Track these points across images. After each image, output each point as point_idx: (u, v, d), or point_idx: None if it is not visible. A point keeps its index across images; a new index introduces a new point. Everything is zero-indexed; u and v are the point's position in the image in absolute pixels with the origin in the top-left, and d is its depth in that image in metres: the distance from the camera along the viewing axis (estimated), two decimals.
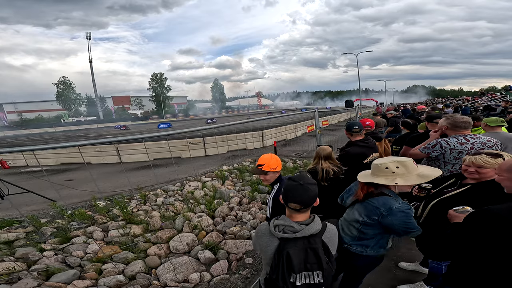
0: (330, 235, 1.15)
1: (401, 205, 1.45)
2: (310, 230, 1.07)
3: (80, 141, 1.94)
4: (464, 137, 2.06)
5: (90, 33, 54.49)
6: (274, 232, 1.11)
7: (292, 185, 1.13)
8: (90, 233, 3.51)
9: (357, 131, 2.65)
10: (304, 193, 1.09)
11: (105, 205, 4.63)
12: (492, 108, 9.45)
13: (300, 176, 1.16)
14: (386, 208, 1.44)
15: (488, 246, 1.04)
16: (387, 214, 1.44)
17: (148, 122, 50.00)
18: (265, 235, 1.15)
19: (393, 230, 1.49)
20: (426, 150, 2.18)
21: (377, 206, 1.48)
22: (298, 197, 1.09)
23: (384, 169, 1.45)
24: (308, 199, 1.09)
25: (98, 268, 2.65)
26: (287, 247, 1.04)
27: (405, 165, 1.44)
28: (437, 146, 2.10)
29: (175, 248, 3.06)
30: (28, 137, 29.10)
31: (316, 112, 4.04)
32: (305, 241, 1.06)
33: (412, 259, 2.50)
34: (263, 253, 1.16)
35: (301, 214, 1.12)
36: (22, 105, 55.97)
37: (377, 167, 1.49)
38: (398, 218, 1.43)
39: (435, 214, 1.62)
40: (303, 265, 1.03)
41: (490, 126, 2.68)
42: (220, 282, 2.49)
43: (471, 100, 15.31)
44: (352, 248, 1.66)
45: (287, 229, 1.09)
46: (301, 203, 1.09)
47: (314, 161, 2.57)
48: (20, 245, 3.21)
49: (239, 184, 5.86)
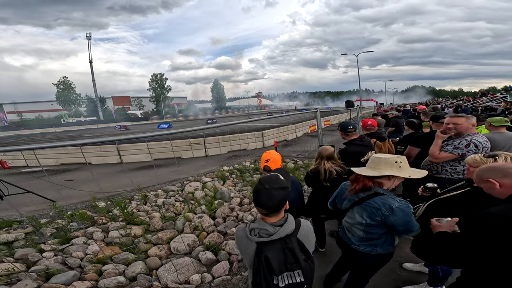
0: (305, 233, 1.13)
1: (400, 203, 1.45)
2: (284, 231, 1.06)
3: (82, 140, 1.91)
4: (481, 135, 2.11)
5: (90, 34, 54.48)
6: (250, 236, 1.09)
7: (258, 188, 1.10)
8: (90, 234, 3.48)
9: (352, 130, 2.66)
10: (268, 199, 1.06)
11: (105, 205, 4.61)
12: (492, 108, 9.45)
13: (268, 179, 1.12)
14: (387, 208, 1.44)
15: (491, 250, 1.01)
16: (389, 214, 1.44)
17: (148, 123, 49.97)
18: (242, 239, 1.13)
19: (394, 229, 1.48)
20: (458, 151, 2.13)
21: (377, 207, 1.47)
22: (262, 202, 1.06)
23: (394, 162, 1.47)
24: (271, 205, 1.06)
25: (98, 269, 2.63)
26: (265, 250, 1.04)
27: (404, 159, 1.51)
28: (471, 146, 2.08)
29: (176, 249, 3.03)
30: (28, 137, 29.05)
31: (318, 112, 4.02)
32: (281, 242, 1.05)
33: (416, 259, 2.47)
34: (244, 255, 1.16)
35: (271, 218, 1.10)
36: (22, 105, 55.94)
37: (386, 161, 1.49)
38: (400, 217, 1.42)
39: (428, 215, 1.60)
40: (283, 266, 1.03)
41: (494, 126, 2.67)
42: (221, 283, 2.47)
43: (471, 101, 15.31)
44: (360, 248, 1.64)
45: (262, 232, 1.08)
46: (266, 208, 1.06)
47: (316, 161, 2.55)
48: (20, 245, 3.19)
49: (239, 184, 5.83)
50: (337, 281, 2.22)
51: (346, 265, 2.03)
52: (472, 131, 2.15)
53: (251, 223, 1.15)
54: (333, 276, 2.19)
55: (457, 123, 2.16)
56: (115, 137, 2.36)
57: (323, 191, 2.39)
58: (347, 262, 2.00)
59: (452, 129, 2.18)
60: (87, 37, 54.28)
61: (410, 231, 1.47)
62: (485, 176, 1.15)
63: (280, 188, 1.09)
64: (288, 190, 1.12)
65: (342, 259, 2.06)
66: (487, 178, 1.14)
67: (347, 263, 1.99)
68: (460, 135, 2.16)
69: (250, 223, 1.15)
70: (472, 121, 2.13)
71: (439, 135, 2.24)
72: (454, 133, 2.20)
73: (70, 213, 4.20)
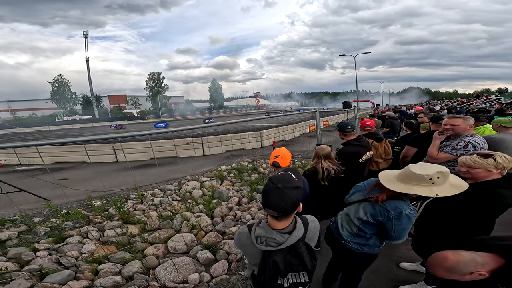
0: (312, 234, 1.09)
1: (411, 211, 1.40)
2: (293, 239, 0.99)
3: (76, 138, 1.88)
4: (479, 136, 2.12)
5: (87, 32, 53.91)
6: (256, 245, 1.01)
7: (269, 187, 0.99)
8: (85, 233, 3.42)
9: (350, 131, 2.66)
10: (281, 199, 0.94)
11: (101, 204, 4.55)
12: (486, 110, 9.56)
13: (280, 177, 1.01)
14: (396, 212, 1.39)
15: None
16: (393, 218, 1.40)
17: (144, 122, 49.56)
18: (248, 246, 1.06)
19: (387, 233, 1.47)
20: (456, 151, 2.13)
21: (387, 208, 1.42)
22: (274, 203, 0.95)
23: (428, 180, 1.31)
24: (284, 205, 0.94)
25: (94, 269, 2.58)
26: (273, 256, 0.98)
27: (444, 175, 1.32)
28: (469, 147, 2.08)
29: (173, 248, 3.00)
30: (21, 136, 28.57)
31: (317, 113, 4.03)
32: (290, 247, 1.00)
33: (413, 259, 2.49)
34: (249, 257, 1.11)
35: (281, 222, 1.00)
36: (16, 103, 55.06)
37: (417, 176, 1.33)
38: (403, 224, 1.39)
39: (428, 213, 1.61)
40: (289, 267, 0.99)
41: (505, 127, 2.67)
42: (220, 283, 2.45)
43: (466, 102, 15.53)
44: (349, 245, 1.65)
45: (269, 240, 0.99)
46: (278, 210, 0.95)
47: (313, 161, 2.55)
48: (13, 245, 3.12)
49: (238, 184, 5.81)
50: (335, 280, 2.22)
51: (337, 263, 2.04)
52: (469, 132, 2.15)
53: (256, 228, 1.05)
54: (330, 275, 2.20)
55: (454, 124, 2.16)
56: (114, 134, 2.30)
57: (320, 191, 2.39)
58: (336, 259, 2.00)
59: (449, 130, 2.20)
60: (84, 35, 53.73)
61: (400, 239, 1.44)
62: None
63: (294, 188, 0.98)
64: (302, 190, 1.02)
65: (333, 257, 2.07)
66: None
67: (337, 260, 1.99)
68: (458, 136, 2.17)
69: (255, 229, 1.05)
70: (469, 122, 2.14)
71: (437, 136, 2.26)
72: (451, 134, 2.21)
73: (64, 212, 4.13)
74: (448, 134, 2.22)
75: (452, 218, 1.61)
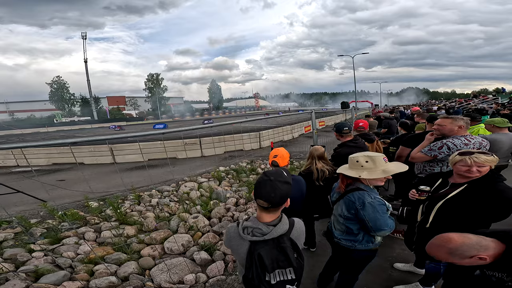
0: (298, 233, 1.14)
1: (373, 199, 1.47)
2: (278, 232, 1.06)
3: (73, 139, 1.89)
4: (465, 137, 2.07)
5: (85, 33, 53.72)
6: (243, 235, 1.08)
7: (262, 179, 1.09)
8: (82, 234, 3.42)
9: (346, 132, 2.67)
10: (271, 190, 1.03)
11: (97, 205, 4.54)
12: (483, 110, 9.60)
13: (273, 172, 1.11)
14: (360, 202, 1.49)
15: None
16: (360, 208, 1.48)
17: (143, 123, 49.46)
18: (235, 238, 1.13)
19: (365, 224, 1.51)
20: (431, 152, 2.14)
21: (353, 200, 1.52)
22: (266, 194, 1.04)
23: (355, 162, 1.53)
24: (274, 196, 1.03)
25: (90, 269, 2.58)
26: (258, 248, 1.04)
27: (373, 160, 1.49)
28: (444, 148, 2.07)
29: (169, 249, 3.00)
30: (19, 137, 28.44)
31: (313, 113, 4.05)
32: (274, 241, 1.05)
33: (407, 259, 2.51)
34: (236, 254, 1.16)
35: (269, 214, 1.09)
36: (14, 104, 54.79)
37: (350, 160, 1.59)
38: (369, 213, 1.46)
39: (442, 216, 1.59)
40: (276, 263, 1.03)
41: (499, 127, 2.68)
42: (216, 284, 2.45)
43: (464, 102, 15.61)
44: (341, 242, 1.70)
45: (255, 231, 1.07)
46: (268, 200, 1.04)
47: (308, 161, 2.57)
48: (8, 245, 3.11)
49: (236, 184, 5.82)
50: (330, 280, 2.23)
51: (336, 262, 2.06)
52: (457, 133, 2.11)
53: (244, 221, 1.14)
54: (326, 275, 2.21)
55: (441, 124, 2.16)
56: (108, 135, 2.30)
57: (315, 191, 2.40)
58: (335, 258, 2.03)
59: (436, 131, 2.20)
60: (82, 36, 53.52)
61: (380, 229, 1.47)
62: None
63: (284, 182, 1.07)
64: (291, 186, 1.11)
65: (332, 256, 2.09)
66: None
67: (336, 259, 2.02)
68: (448, 137, 2.14)
69: (243, 222, 1.14)
70: (458, 123, 2.09)
71: (427, 137, 2.29)
72: (438, 134, 2.20)
73: (61, 213, 4.12)
74: (436, 134, 2.22)
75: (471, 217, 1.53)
